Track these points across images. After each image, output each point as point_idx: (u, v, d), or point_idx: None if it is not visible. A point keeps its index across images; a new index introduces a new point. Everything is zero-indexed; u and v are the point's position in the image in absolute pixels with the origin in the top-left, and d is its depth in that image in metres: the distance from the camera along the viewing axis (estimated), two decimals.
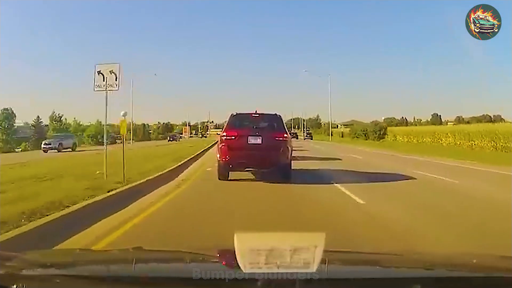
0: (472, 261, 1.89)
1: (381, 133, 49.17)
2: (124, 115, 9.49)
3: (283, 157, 9.30)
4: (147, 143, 44.57)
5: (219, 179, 9.60)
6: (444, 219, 5.67)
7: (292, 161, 10.05)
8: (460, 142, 31.35)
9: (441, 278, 1.51)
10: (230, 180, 9.67)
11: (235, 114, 10.27)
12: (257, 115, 10.30)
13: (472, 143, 29.26)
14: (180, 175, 11.14)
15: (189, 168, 13.72)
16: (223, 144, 9.43)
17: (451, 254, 2.12)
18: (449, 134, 34.77)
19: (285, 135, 9.59)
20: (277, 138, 9.36)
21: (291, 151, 10.01)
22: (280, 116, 10.34)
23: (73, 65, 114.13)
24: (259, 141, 9.22)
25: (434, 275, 1.58)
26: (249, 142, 9.22)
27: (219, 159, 9.57)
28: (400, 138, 44.11)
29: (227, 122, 10.07)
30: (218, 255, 1.99)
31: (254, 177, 10.42)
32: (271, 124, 10.08)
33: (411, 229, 5.04)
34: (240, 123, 10.00)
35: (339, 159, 17.81)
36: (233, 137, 9.35)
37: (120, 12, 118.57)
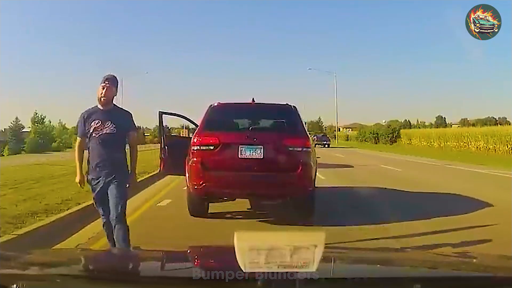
0: (472, 261, 1.89)
1: (393, 136, 45.46)
2: None
3: (303, 181, 5.54)
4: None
5: (191, 214, 5.96)
6: None
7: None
8: (495, 147, 28.67)
9: (441, 278, 1.51)
10: (210, 215, 6.07)
11: (215, 104, 6.19)
12: (255, 107, 6.29)
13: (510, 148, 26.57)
14: None
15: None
16: (195, 159, 5.57)
17: (451, 254, 2.12)
18: (480, 137, 30.86)
19: (307, 141, 5.75)
20: (291, 148, 5.56)
21: (316, 169, 6.09)
22: (295, 108, 6.25)
23: (59, 64, 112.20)
24: (258, 153, 5.48)
25: (434, 275, 1.58)
26: (241, 156, 5.48)
27: (188, 185, 5.73)
28: (417, 142, 40.42)
29: (202, 120, 6.00)
30: (218, 254, 1.99)
31: (249, 208, 6.77)
32: (279, 123, 6.42)
33: None
34: (225, 121, 6.25)
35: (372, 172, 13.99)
36: (212, 147, 5.54)
37: (116, 12, 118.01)
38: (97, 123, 3.85)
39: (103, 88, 3.87)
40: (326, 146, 39.36)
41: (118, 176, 3.85)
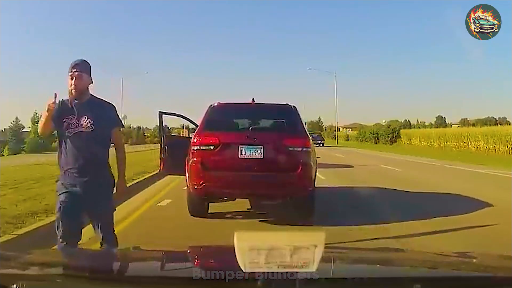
0: (472, 261, 1.89)
1: (393, 136, 45.47)
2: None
3: (303, 181, 5.54)
4: (135, 148, 42.01)
5: (191, 214, 5.95)
6: None
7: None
8: (495, 147, 28.68)
9: (441, 278, 1.51)
10: (210, 215, 6.05)
11: (215, 104, 6.19)
12: (255, 107, 6.30)
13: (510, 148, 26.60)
14: None
15: None
16: (195, 159, 5.56)
17: (451, 253, 2.12)
18: (480, 137, 30.87)
19: (307, 141, 5.74)
20: (291, 148, 5.56)
21: (316, 169, 6.06)
22: (295, 108, 6.24)
23: (59, 64, 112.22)
24: (258, 153, 5.47)
25: (434, 275, 1.58)
26: (241, 156, 5.48)
27: (188, 184, 5.74)
28: (417, 142, 40.39)
29: (202, 120, 6.00)
30: (218, 254, 1.99)
31: (249, 208, 6.75)
32: (279, 123, 6.41)
33: None
34: (225, 121, 6.25)
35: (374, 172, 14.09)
36: (212, 147, 5.54)
37: (116, 12, 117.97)
38: (71, 118, 3.11)
39: (72, 78, 3.10)
40: (321, 145, 40.31)
41: (102, 185, 3.16)
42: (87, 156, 3.10)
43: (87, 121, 3.10)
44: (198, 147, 5.60)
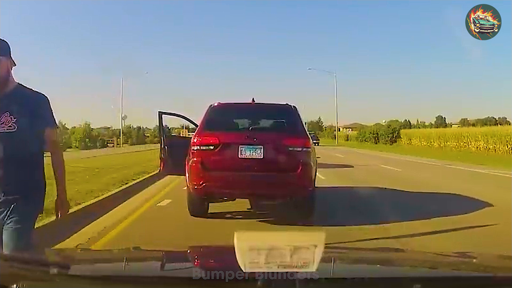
0: (472, 261, 1.89)
1: (393, 136, 45.63)
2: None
3: (303, 181, 5.54)
4: (135, 148, 39.70)
5: (191, 214, 5.96)
6: None
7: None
8: (495, 147, 28.87)
9: (441, 278, 1.51)
10: (210, 215, 6.06)
11: (215, 104, 6.21)
12: (255, 107, 6.37)
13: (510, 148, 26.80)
14: None
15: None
16: (195, 159, 5.58)
17: (451, 253, 2.12)
18: (480, 137, 31.09)
19: (307, 141, 5.73)
20: (291, 148, 5.56)
21: (316, 169, 6.03)
22: (295, 108, 6.24)
23: (59, 64, 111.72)
24: (258, 153, 5.48)
25: (434, 275, 1.58)
26: (241, 156, 5.49)
27: (188, 184, 5.74)
28: (417, 142, 40.57)
29: (202, 120, 6.02)
30: (218, 254, 1.99)
31: (249, 208, 6.75)
32: (279, 123, 6.46)
33: None
34: (225, 121, 6.24)
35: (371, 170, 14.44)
36: (211, 147, 5.55)
37: (116, 12, 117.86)
38: None
39: None
40: (316, 145, 39.89)
41: (23, 205, 2.35)
42: (10, 166, 2.31)
43: (9, 119, 2.30)
44: (198, 147, 5.60)
